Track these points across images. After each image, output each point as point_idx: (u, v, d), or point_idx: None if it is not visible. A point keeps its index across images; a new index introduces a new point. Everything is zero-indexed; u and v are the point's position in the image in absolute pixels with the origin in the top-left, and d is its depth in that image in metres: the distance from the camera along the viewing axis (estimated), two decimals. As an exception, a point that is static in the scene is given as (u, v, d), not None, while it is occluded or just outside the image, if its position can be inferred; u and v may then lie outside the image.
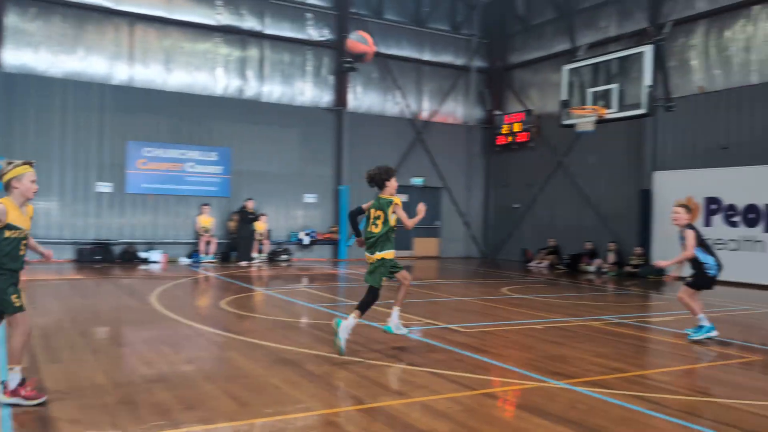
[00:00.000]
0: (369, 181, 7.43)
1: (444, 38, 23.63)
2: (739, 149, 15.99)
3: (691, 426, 4.55)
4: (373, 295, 6.85)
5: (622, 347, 7.47)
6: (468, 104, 24.10)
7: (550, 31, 21.88)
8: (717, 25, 16.67)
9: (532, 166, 22.36)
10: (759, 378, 6.29)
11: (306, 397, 5.03)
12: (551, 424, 4.51)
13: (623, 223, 18.91)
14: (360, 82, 21.95)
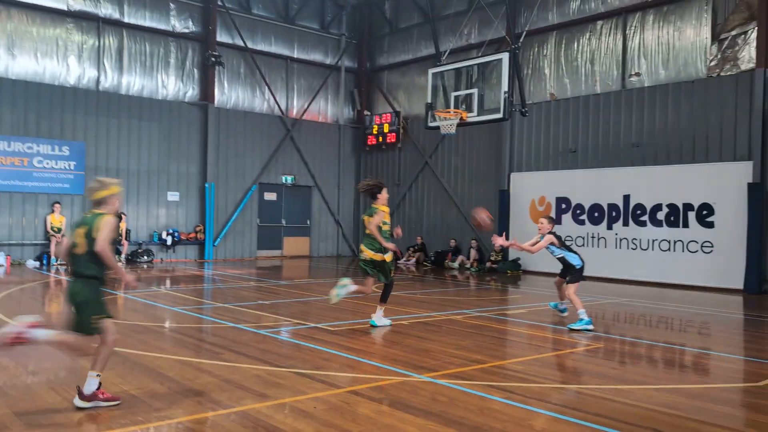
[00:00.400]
0: (363, 191, 8.66)
1: (313, 36, 23.57)
2: (585, 153, 17.32)
3: (542, 412, 4.85)
4: (389, 286, 8.59)
5: (482, 339, 7.83)
6: (338, 103, 24.22)
7: (417, 35, 22.51)
8: (567, 36, 17.95)
9: (401, 166, 22.89)
10: (601, 364, 6.83)
11: (165, 404, 4.81)
12: (414, 418, 4.63)
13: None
14: (227, 78, 21.37)
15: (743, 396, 5.72)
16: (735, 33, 14.74)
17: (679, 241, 15.24)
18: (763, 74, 14.06)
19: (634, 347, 7.78)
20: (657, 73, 16.08)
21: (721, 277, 14.49)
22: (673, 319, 10.30)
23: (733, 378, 6.43)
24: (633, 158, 16.27)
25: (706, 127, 15.02)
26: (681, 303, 12.19)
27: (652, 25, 16.18)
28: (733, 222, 14.36)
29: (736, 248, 14.30)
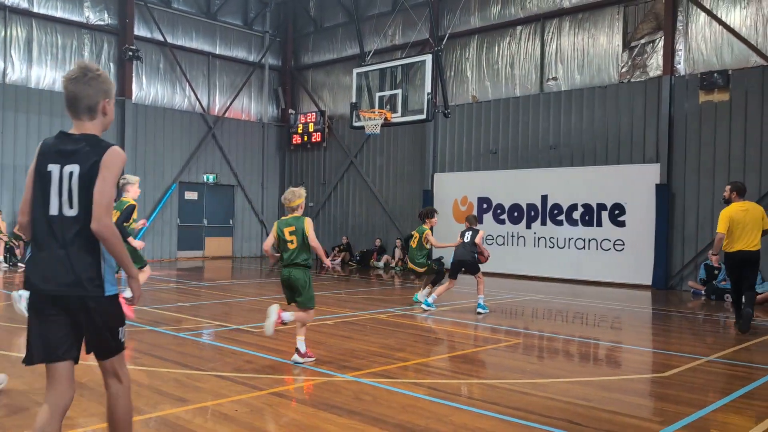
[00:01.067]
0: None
1: (236, 33, 23.14)
2: (505, 154, 17.80)
3: (463, 407, 4.94)
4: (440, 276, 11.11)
5: (406, 338, 7.91)
6: (262, 101, 23.88)
7: (342, 35, 22.49)
8: (488, 40, 18.39)
9: (326, 166, 22.81)
10: (520, 359, 7.03)
11: (76, 413, 4.59)
12: (337, 418, 4.62)
13: (408, 220, 20.07)
14: (145, 73, 20.66)
15: (651, 386, 6.02)
16: (644, 41, 15.52)
17: (593, 240, 15.90)
18: (669, 81, 14.87)
19: (551, 342, 8.06)
20: (573, 78, 16.71)
21: (631, 273, 15.22)
22: (588, 315, 10.73)
23: (642, 369, 6.76)
24: (550, 160, 16.85)
25: (617, 130, 15.74)
26: (595, 299, 12.72)
27: (568, 31, 16.80)
28: (643, 221, 15.12)
29: (646, 246, 15.06)
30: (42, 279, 2.89)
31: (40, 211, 2.92)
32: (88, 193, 2.84)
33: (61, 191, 2.88)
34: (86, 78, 2.95)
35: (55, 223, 2.89)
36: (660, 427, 4.55)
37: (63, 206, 2.88)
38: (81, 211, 2.87)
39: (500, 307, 11.25)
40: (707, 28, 14.57)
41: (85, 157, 2.87)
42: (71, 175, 2.86)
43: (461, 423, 4.54)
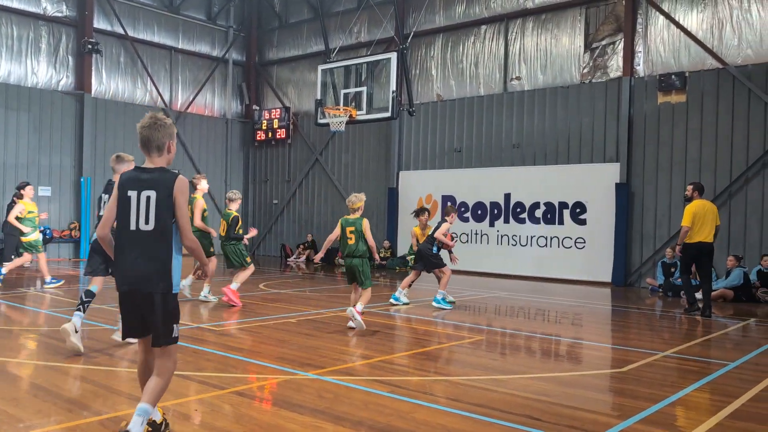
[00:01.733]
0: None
1: (200, 27, 22.81)
2: (469, 152, 17.93)
3: (425, 404, 4.96)
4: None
5: (369, 335, 7.90)
6: (225, 97, 23.60)
7: (307, 31, 22.36)
8: (453, 39, 18.49)
9: (291, 163, 22.67)
10: (482, 356, 7.10)
11: (29, 414, 4.47)
12: (298, 416, 4.59)
13: (373, 218, 20.06)
14: (105, 67, 20.22)
15: (610, 381, 6.14)
16: (605, 43, 15.79)
17: (555, 238, 16.14)
18: (629, 82, 15.17)
19: (513, 339, 8.15)
20: (536, 78, 16.92)
21: (592, 271, 15.50)
22: (550, 312, 10.89)
23: (601, 365, 6.89)
24: (513, 158, 17.04)
25: (579, 130, 16.00)
26: (557, 296, 12.92)
27: (532, 31, 17.00)
28: (603, 219, 15.40)
29: (606, 244, 15.35)
30: (123, 281, 3.77)
31: (122, 226, 3.76)
32: (161, 213, 3.69)
33: (138, 211, 3.71)
34: (156, 125, 3.85)
35: (133, 235, 3.72)
36: (617, 421, 4.64)
37: (140, 222, 3.71)
38: (156, 226, 3.70)
39: (464, 304, 11.34)
40: (666, 30, 14.90)
41: (160, 185, 3.72)
42: (148, 199, 3.70)
43: (423, 420, 4.56)
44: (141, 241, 3.71)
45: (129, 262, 3.72)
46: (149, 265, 3.69)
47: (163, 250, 3.72)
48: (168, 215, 3.71)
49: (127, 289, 3.75)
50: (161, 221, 3.70)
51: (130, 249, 3.72)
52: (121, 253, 3.76)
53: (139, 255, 3.70)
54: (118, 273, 3.79)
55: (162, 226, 3.70)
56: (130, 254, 3.72)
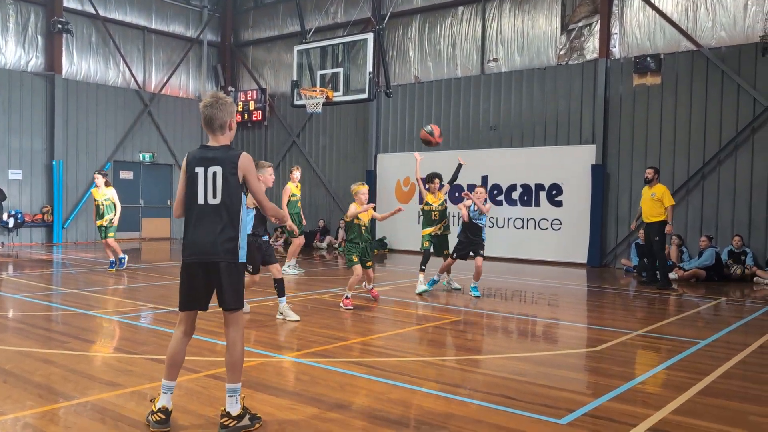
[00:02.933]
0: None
1: (173, 7, 22.39)
2: (447, 134, 17.89)
3: (401, 385, 4.97)
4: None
5: (346, 318, 7.90)
6: (200, 78, 23.26)
7: (282, 11, 22.06)
8: (430, 20, 18.38)
9: (268, 145, 22.46)
10: (459, 336, 7.13)
11: (0, 399, 4.40)
12: (274, 398, 4.58)
13: (351, 200, 19.97)
14: (77, 47, 19.79)
15: (584, 360, 6.21)
16: (581, 24, 15.81)
17: (532, 219, 16.24)
18: (605, 64, 15.22)
19: (490, 320, 8.20)
20: (513, 60, 16.90)
21: (568, 252, 15.64)
22: (526, 293, 10.97)
23: (575, 344, 6.96)
24: (491, 140, 17.06)
25: (555, 112, 16.04)
26: (533, 277, 13.02)
27: (509, 13, 16.95)
28: (579, 201, 15.52)
29: (581, 225, 15.49)
30: (191, 252, 3.95)
31: (190, 201, 3.95)
32: (228, 187, 3.89)
33: (206, 186, 3.91)
34: (218, 104, 3.94)
35: (201, 209, 3.93)
36: (590, 399, 4.70)
37: (207, 197, 3.91)
38: (222, 200, 3.90)
39: (440, 285, 11.37)
40: (641, 12, 14.94)
41: (225, 161, 3.89)
42: (215, 175, 3.89)
43: (399, 400, 4.57)
44: (209, 214, 3.91)
45: (197, 234, 3.93)
46: (216, 236, 3.89)
47: (228, 223, 3.91)
48: (233, 190, 3.91)
49: (196, 259, 3.93)
50: (227, 195, 3.90)
51: (199, 221, 3.93)
52: (190, 226, 3.96)
53: (207, 227, 3.91)
54: (187, 244, 3.97)
55: (228, 200, 3.90)
56: (199, 226, 3.93)
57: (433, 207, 10.56)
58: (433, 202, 10.59)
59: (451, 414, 4.31)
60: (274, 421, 4.11)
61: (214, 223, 3.90)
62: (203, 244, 3.91)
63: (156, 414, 3.90)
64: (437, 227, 10.56)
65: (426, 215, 10.66)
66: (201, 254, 3.92)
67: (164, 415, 3.89)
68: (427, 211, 10.62)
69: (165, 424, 3.87)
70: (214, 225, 3.90)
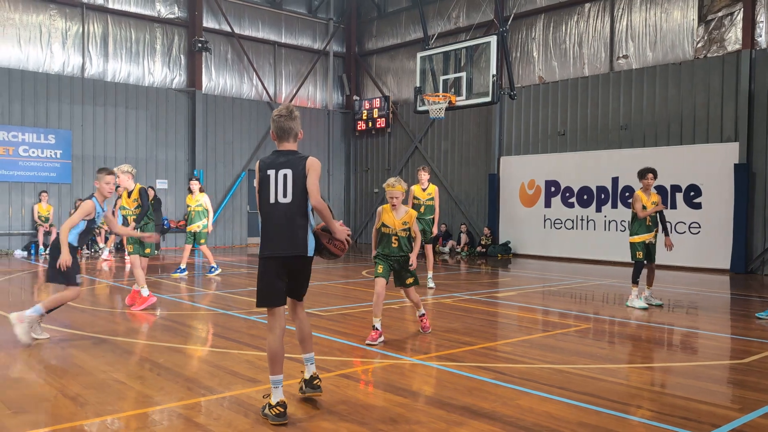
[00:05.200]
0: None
1: (301, 21, 23.39)
2: (574, 135, 17.35)
3: (529, 391, 4.89)
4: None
5: (472, 322, 7.87)
6: (327, 89, 24.10)
7: (405, 19, 22.40)
8: (555, 19, 17.91)
9: (391, 151, 22.86)
10: (590, 344, 6.89)
11: (153, 391, 4.81)
12: (403, 399, 4.66)
13: (473, 205, 19.91)
14: (214, 64, 21.20)
15: (729, 373, 5.79)
16: (721, 14, 14.75)
17: (668, 223, 15.28)
18: (750, 55, 14.11)
19: (622, 328, 7.86)
20: (644, 56, 16.09)
21: (708, 257, 14.62)
22: (662, 300, 10.37)
23: (718, 356, 6.50)
24: (621, 140, 16.32)
25: (693, 108, 15.08)
26: (669, 284, 12.29)
27: (640, 7, 16.16)
28: (720, 203, 14.47)
29: (723, 228, 14.42)
30: (267, 247, 4.27)
31: (264, 201, 4.30)
32: (296, 187, 4.24)
33: (277, 187, 4.26)
34: (291, 116, 4.47)
35: (273, 207, 4.27)
36: (739, 414, 4.38)
37: (278, 196, 4.25)
38: (293, 199, 4.25)
39: (569, 291, 11.04)
40: (792, -4, 13.71)
41: (294, 164, 4.30)
42: (285, 177, 4.26)
43: (527, 407, 4.50)
44: (280, 212, 4.25)
45: (272, 231, 4.27)
46: (289, 232, 4.25)
47: (299, 220, 4.27)
48: (302, 190, 4.25)
49: (270, 254, 4.26)
50: (296, 195, 4.26)
51: (271, 219, 4.27)
52: (265, 223, 4.30)
53: (280, 224, 4.25)
54: (264, 241, 4.30)
55: (297, 199, 4.25)
56: (272, 224, 4.27)
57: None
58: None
59: (583, 423, 4.18)
60: (404, 421, 4.19)
61: (286, 220, 4.24)
62: (278, 240, 4.25)
63: (275, 408, 4.12)
64: (651, 234, 9.33)
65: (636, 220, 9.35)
66: (276, 250, 4.25)
67: (283, 409, 4.13)
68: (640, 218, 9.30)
69: (284, 417, 4.11)
70: (285, 222, 4.24)
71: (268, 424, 4.11)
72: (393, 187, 6.74)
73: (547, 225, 17.77)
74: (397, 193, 6.73)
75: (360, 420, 4.22)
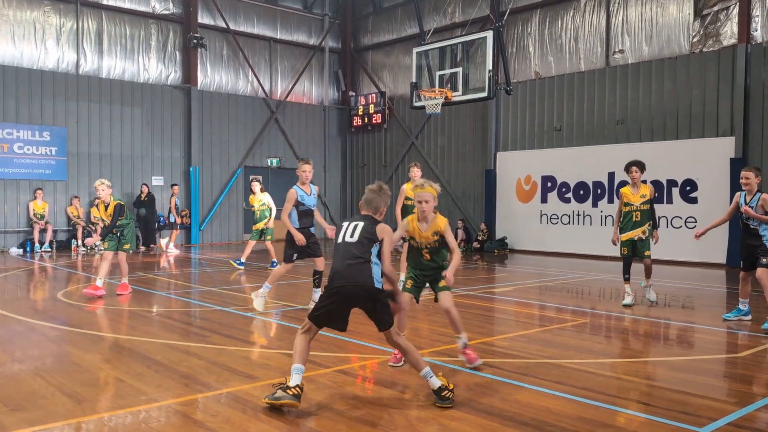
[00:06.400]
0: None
1: (296, 17, 23.33)
2: (570, 131, 17.36)
3: (527, 386, 4.90)
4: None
5: (469, 317, 7.87)
6: (322, 84, 24.06)
7: (401, 15, 22.35)
8: (551, 14, 17.90)
9: (387, 147, 22.84)
10: (587, 339, 6.90)
11: (151, 388, 4.80)
12: (400, 395, 4.67)
13: (470, 200, 19.92)
14: (210, 60, 21.13)
15: (725, 367, 5.81)
16: (717, 9, 14.76)
17: (664, 217, 15.36)
18: (745, 50, 14.12)
19: (619, 322, 7.87)
20: (640, 50, 16.09)
21: (704, 252, 14.64)
22: (658, 294, 10.39)
23: (715, 349, 6.53)
24: (617, 135, 16.34)
25: (689, 103, 15.10)
26: (665, 278, 12.30)
27: (635, 1, 16.16)
28: (716, 197, 14.50)
29: (720, 223, 14.43)
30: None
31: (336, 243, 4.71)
32: (362, 237, 4.58)
33: (345, 233, 4.62)
34: (380, 192, 4.89)
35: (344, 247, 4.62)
36: (735, 408, 4.39)
37: (346, 237, 4.61)
38: (358, 242, 4.54)
39: (566, 286, 11.06)
40: (787, -9, 13.73)
41: (366, 222, 4.70)
42: (355, 227, 4.63)
43: (525, 402, 4.51)
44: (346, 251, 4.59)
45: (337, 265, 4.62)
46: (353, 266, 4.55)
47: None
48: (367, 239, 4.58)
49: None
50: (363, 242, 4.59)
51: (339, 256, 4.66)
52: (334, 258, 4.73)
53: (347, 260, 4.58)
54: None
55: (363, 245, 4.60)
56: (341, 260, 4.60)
57: (634, 206, 8.78)
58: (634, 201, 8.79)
59: (581, 417, 4.19)
60: (402, 417, 4.19)
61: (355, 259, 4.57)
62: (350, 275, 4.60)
63: (293, 389, 4.23)
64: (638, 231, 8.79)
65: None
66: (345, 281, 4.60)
67: (301, 391, 4.28)
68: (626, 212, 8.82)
69: (299, 399, 4.26)
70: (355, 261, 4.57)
71: (265, 420, 4.11)
72: (422, 188, 5.40)
73: (543, 220, 17.79)
74: (428, 196, 5.35)
75: (357, 416, 4.22)
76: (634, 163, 8.99)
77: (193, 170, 20.25)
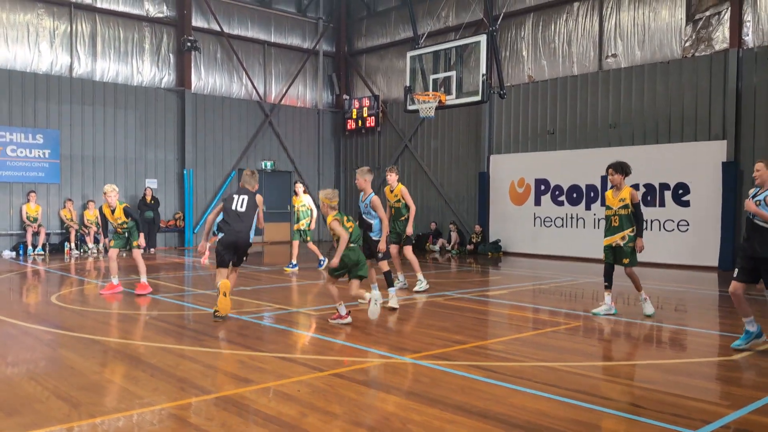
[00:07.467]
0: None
1: (290, 20, 23.34)
2: (563, 134, 17.43)
3: (522, 389, 4.93)
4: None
5: (463, 320, 7.90)
6: (316, 88, 24.07)
7: (395, 18, 22.40)
8: (544, 18, 17.98)
9: (380, 150, 22.86)
10: (581, 341, 6.94)
11: (147, 392, 4.80)
12: (396, 398, 4.68)
13: (463, 203, 19.97)
14: (203, 63, 21.11)
15: (718, 369, 5.86)
16: (709, 13, 14.87)
17: (656, 221, 15.44)
18: (737, 54, 14.23)
19: (613, 325, 7.91)
20: (633, 54, 16.19)
21: (697, 255, 14.73)
22: (651, 297, 10.43)
23: (707, 352, 6.57)
24: (610, 139, 16.42)
25: (681, 107, 15.19)
26: (658, 281, 12.38)
27: (628, 6, 16.26)
28: (708, 201, 14.59)
29: (711, 226, 14.54)
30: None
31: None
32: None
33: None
34: (252, 176, 8.09)
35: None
36: (728, 411, 4.43)
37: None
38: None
39: (560, 289, 11.11)
40: (778, -4, 13.84)
41: (249, 196, 8.08)
42: (243, 200, 7.79)
43: (520, 405, 4.53)
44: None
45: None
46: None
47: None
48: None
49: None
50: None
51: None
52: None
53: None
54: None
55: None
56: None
57: (612, 210, 8.63)
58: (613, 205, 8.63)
59: (575, 420, 4.22)
60: (397, 420, 4.21)
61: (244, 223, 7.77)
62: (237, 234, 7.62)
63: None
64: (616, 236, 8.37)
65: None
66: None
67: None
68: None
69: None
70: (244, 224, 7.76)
71: (261, 424, 4.12)
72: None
73: (537, 223, 17.85)
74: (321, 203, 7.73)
75: (353, 419, 4.24)
76: (611, 165, 8.73)
77: (186, 173, 20.21)
